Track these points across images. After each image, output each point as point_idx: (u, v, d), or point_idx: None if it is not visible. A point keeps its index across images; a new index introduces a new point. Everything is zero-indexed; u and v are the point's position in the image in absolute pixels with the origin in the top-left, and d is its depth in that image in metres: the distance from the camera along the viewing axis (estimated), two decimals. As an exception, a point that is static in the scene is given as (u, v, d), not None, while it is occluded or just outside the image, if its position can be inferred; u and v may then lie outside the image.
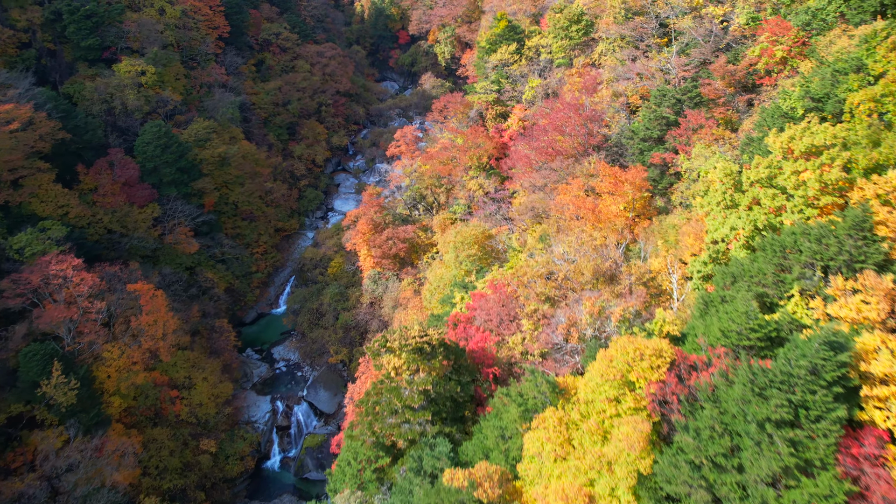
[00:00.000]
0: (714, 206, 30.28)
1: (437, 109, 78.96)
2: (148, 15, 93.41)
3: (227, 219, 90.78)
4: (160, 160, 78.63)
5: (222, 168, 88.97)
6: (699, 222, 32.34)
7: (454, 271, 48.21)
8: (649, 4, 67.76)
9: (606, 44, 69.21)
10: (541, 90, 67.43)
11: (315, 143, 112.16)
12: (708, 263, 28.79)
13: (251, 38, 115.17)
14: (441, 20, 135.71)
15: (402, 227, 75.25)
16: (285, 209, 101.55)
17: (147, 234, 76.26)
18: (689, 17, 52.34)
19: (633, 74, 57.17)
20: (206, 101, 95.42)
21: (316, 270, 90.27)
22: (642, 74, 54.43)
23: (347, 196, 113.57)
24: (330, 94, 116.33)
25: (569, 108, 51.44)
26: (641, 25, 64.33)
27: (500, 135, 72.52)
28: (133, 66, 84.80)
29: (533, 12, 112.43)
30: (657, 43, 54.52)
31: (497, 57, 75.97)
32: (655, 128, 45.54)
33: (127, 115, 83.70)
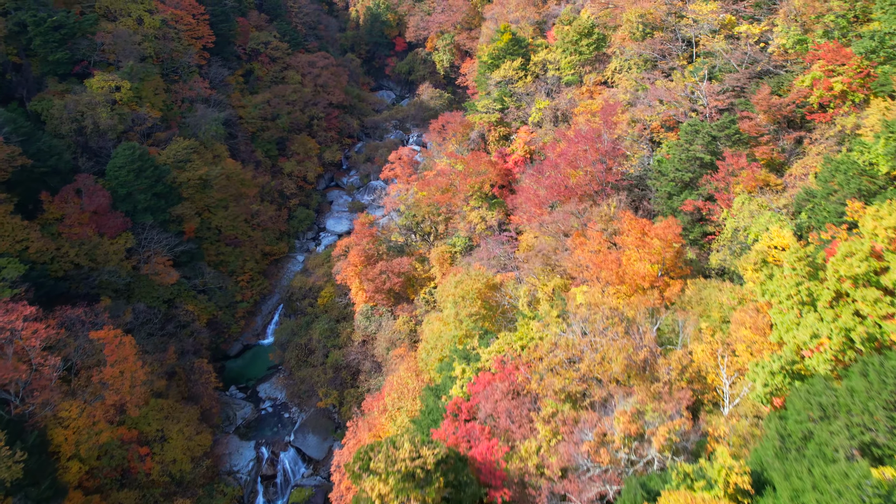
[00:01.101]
0: (783, 298, 24.13)
1: (434, 130, 72.65)
2: (125, 25, 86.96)
3: (209, 245, 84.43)
4: (134, 186, 72.29)
5: (204, 191, 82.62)
6: (760, 312, 26.15)
7: (454, 332, 41.92)
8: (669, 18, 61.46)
9: (621, 61, 62.92)
10: (549, 112, 61.10)
11: (306, 158, 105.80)
12: (777, 374, 22.67)
13: (238, 48, 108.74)
14: (439, 27, 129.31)
15: (396, 260, 68.94)
16: (273, 232, 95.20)
17: (120, 267, 69.92)
18: (720, 37, 46.04)
19: (653, 100, 50.84)
20: (188, 117, 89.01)
21: (305, 301, 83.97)
22: (665, 101, 48.08)
23: (340, 215, 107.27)
24: (322, 106, 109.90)
25: (583, 140, 45.11)
26: (662, 42, 58.05)
27: (503, 160, 66.20)
28: (106, 81, 78.34)
29: (537, 20, 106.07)
30: (682, 65, 48.19)
31: (500, 73, 69.64)
32: (687, 169, 39.24)
33: (99, 136, 77.28)
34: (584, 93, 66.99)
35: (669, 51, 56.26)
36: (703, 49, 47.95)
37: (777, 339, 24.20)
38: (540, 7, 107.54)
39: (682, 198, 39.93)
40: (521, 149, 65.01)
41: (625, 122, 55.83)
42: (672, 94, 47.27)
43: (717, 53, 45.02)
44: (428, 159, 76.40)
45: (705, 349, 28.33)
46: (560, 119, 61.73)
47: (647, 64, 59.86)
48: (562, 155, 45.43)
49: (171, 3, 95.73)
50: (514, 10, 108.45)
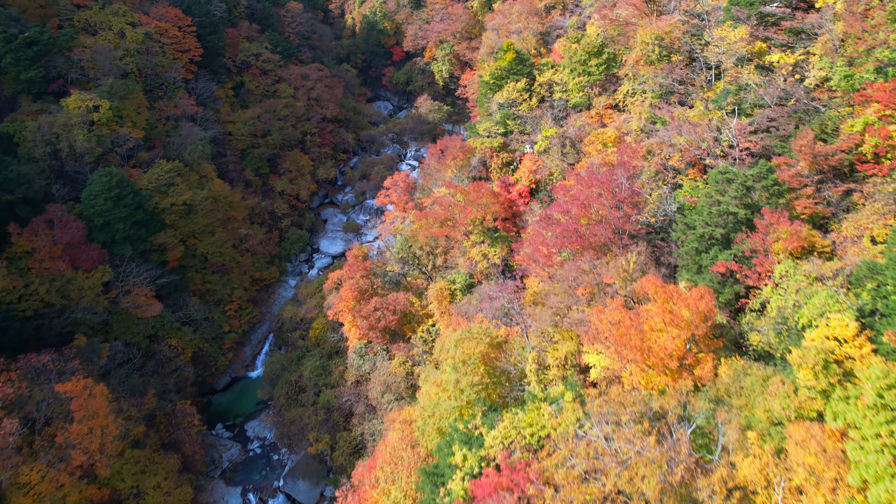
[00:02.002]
0: (868, 434, 19.52)
1: (433, 154, 67.89)
2: (105, 39, 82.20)
3: (194, 273, 79.68)
4: (112, 215, 67.54)
5: (189, 217, 77.84)
6: (829, 435, 21.46)
7: (454, 402, 37.20)
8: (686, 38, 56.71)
9: (634, 84, 58.17)
10: (556, 141, 56.33)
11: (299, 176, 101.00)
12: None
13: (228, 60, 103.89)
14: (438, 36, 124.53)
15: (392, 296, 64.18)
16: (263, 256, 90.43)
17: (95, 303, 65.16)
18: (750, 68, 41.27)
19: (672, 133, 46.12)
20: (173, 136, 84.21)
21: (296, 333, 79.24)
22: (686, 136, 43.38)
23: (335, 235, 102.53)
24: (315, 121, 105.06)
25: (597, 182, 40.39)
26: (680, 67, 53.30)
27: (506, 190, 61.44)
28: (84, 100, 73.51)
29: (540, 31, 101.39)
30: (705, 97, 43.40)
31: (503, 95, 64.87)
32: (717, 223, 34.50)
33: (76, 159, 72.50)
34: (594, 117, 62.30)
35: (690, 79, 51.54)
36: (730, 79, 43.16)
37: (858, 482, 19.56)
38: (543, 17, 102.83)
39: (712, 255, 35.19)
40: (525, 178, 60.27)
41: (640, 153, 51.07)
42: (695, 130, 42.50)
43: (747, 86, 40.28)
44: (425, 186, 71.62)
45: (753, 464, 23.62)
46: (569, 147, 56.95)
47: (663, 89, 55.19)
48: (574, 199, 40.68)
49: (155, 14, 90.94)
50: (517, 21, 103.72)
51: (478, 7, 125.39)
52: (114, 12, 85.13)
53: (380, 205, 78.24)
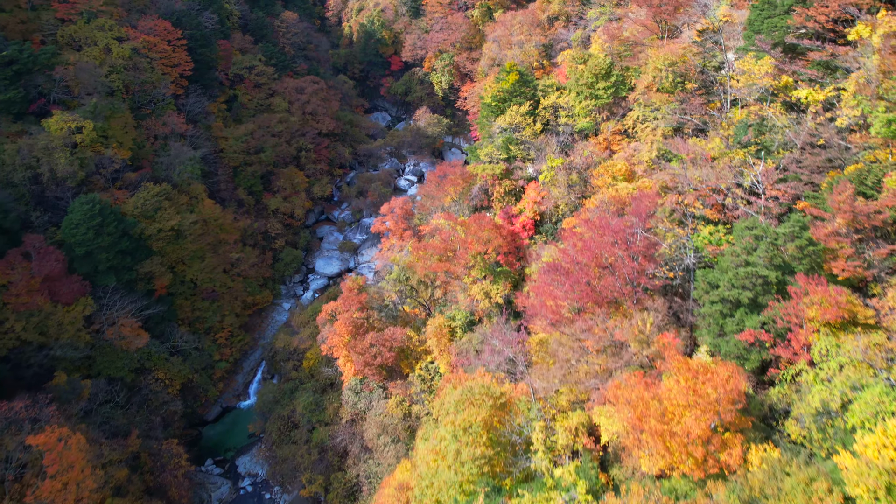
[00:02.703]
0: None
1: (432, 181, 64.52)
2: (90, 56, 78.77)
3: (183, 301, 76.34)
4: (94, 244, 64.21)
5: (177, 242, 74.50)
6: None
7: (454, 475, 33.95)
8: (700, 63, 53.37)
9: (645, 111, 54.83)
10: (563, 174, 52.94)
11: (293, 194, 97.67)
12: None
13: (220, 74, 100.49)
14: (438, 46, 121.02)
15: (389, 331, 60.89)
16: (256, 279, 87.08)
17: (76, 339, 61.84)
18: (777, 106, 37.89)
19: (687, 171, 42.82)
20: (162, 156, 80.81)
21: (289, 363, 75.98)
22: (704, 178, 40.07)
23: (331, 254, 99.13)
24: (311, 136, 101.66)
25: (609, 232, 37.07)
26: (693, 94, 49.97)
27: (509, 221, 58.13)
28: (66, 121, 70.16)
29: (543, 43, 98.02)
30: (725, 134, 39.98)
31: (506, 120, 61.51)
32: (744, 286, 31.16)
33: (57, 184, 69.18)
34: (601, 143, 58.99)
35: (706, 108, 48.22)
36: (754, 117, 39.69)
37: None
38: (546, 29, 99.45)
39: (738, 319, 31.88)
40: (529, 209, 56.95)
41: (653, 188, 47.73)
42: (715, 171, 39.15)
43: (773, 127, 36.91)
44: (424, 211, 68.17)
45: None
46: (575, 178, 53.59)
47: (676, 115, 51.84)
48: (585, 248, 37.33)
49: (143, 28, 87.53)
50: (518, 33, 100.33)
51: (478, 16, 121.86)
52: (99, 27, 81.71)
53: (376, 231, 74.83)
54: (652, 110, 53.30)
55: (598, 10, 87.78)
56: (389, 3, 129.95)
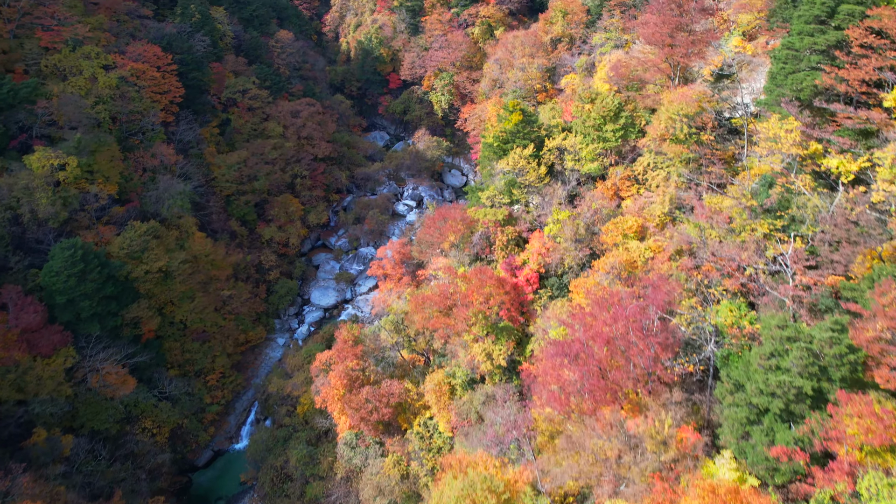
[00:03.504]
0: None
1: (432, 226, 61.40)
2: (75, 86, 75.60)
3: (172, 343, 73.25)
4: (76, 292, 61.14)
5: (166, 283, 71.44)
6: None
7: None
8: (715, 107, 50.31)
9: (658, 159, 51.77)
10: (570, 228, 49.80)
11: (288, 222, 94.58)
12: None
13: (213, 97, 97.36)
14: (437, 64, 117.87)
15: (386, 385, 57.95)
16: (249, 315, 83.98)
17: (56, 393, 58.69)
18: (805, 178, 34.75)
19: (703, 238, 39.83)
20: (151, 189, 77.66)
21: (282, 409, 72.90)
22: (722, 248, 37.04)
23: (327, 284, 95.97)
24: (306, 162, 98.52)
25: (622, 317, 34.01)
26: (710, 147, 46.94)
27: (512, 273, 55.06)
28: (49, 158, 66.98)
29: (546, 66, 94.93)
30: (749, 206, 36.82)
31: (508, 163, 58.40)
32: (775, 394, 28.10)
33: (39, 225, 66.08)
34: (610, 189, 55.89)
35: (723, 161, 45.21)
36: (779, 187, 36.52)
37: None
38: (549, 52, 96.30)
39: (767, 428, 28.85)
40: (534, 261, 53.84)
41: (667, 250, 44.71)
42: (737, 245, 36.07)
43: (800, 198, 33.82)
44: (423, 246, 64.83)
45: None
46: (583, 231, 50.47)
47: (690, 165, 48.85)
48: (597, 335, 34.25)
49: (132, 54, 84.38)
50: (520, 55, 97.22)
51: (479, 35, 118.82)
52: (85, 55, 78.52)
53: (372, 275, 71.76)
54: (664, 160, 50.22)
55: (603, 36, 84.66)
56: (388, 20, 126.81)
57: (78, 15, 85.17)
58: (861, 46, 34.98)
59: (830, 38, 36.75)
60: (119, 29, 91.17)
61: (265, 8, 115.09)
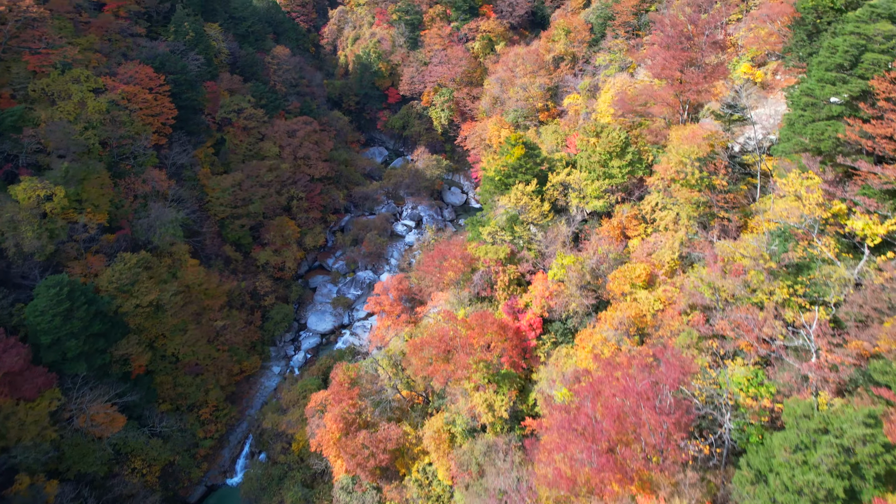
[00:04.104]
0: None
1: (431, 263, 59.21)
2: (63, 111, 73.36)
3: (164, 377, 71.03)
4: (63, 331, 58.94)
5: (157, 317, 69.29)
6: None
7: None
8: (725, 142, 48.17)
9: (666, 201, 49.58)
10: (575, 275, 47.56)
11: (284, 246, 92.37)
12: None
13: (207, 117, 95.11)
14: (437, 80, 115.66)
15: (383, 429, 55.85)
16: (244, 345, 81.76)
17: (41, 438, 56.53)
18: (829, 242, 32.51)
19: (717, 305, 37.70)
20: (142, 216, 75.44)
21: (277, 445, 70.61)
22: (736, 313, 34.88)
23: (324, 308, 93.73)
24: (303, 183, 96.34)
25: (633, 393, 31.83)
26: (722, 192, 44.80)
27: (514, 316, 52.88)
28: (35, 189, 64.86)
29: (548, 86, 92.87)
30: (767, 268, 34.58)
31: (510, 200, 56.19)
32: (803, 494, 25.89)
33: (24, 259, 63.89)
34: (616, 227, 53.68)
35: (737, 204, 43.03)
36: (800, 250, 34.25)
37: None
38: (551, 71, 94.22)
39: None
40: (537, 305, 51.65)
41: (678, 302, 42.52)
42: (754, 312, 33.88)
43: (828, 276, 31.61)
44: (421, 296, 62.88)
45: None
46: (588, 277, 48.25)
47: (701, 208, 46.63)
48: (607, 412, 32.05)
49: (123, 76, 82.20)
50: (522, 74, 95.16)
51: (479, 49, 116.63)
52: (74, 79, 76.30)
53: (369, 311, 69.60)
54: (673, 201, 48.01)
55: (607, 57, 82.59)
56: (386, 33, 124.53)
57: (68, 36, 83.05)
58: (887, 100, 32.77)
59: (854, 88, 34.54)
60: (111, 48, 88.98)
61: (261, 24, 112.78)
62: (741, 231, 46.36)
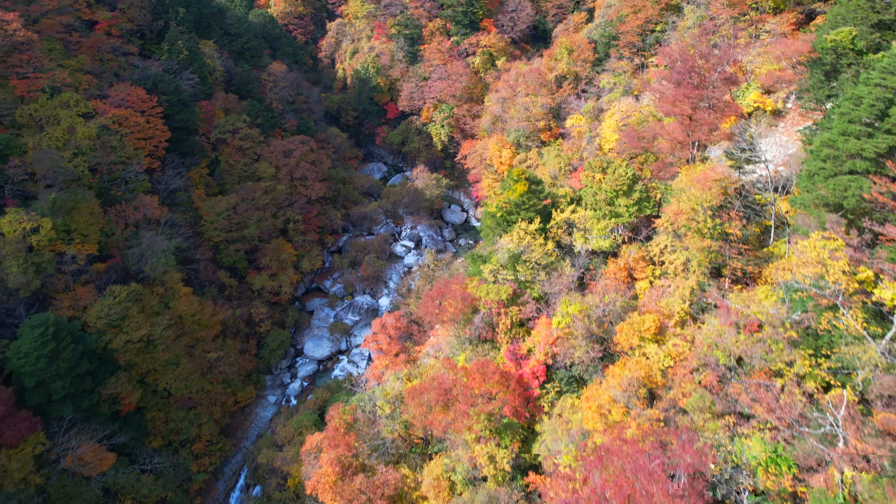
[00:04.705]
0: None
1: (430, 303, 57.05)
2: (52, 138, 71.25)
3: (156, 413, 68.90)
4: (48, 373, 56.81)
5: (148, 351, 67.14)
6: None
7: None
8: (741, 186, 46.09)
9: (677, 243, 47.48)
10: (581, 326, 45.43)
11: (280, 270, 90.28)
12: None
13: (202, 137, 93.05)
14: (437, 95, 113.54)
15: (381, 473, 53.76)
16: (239, 375, 79.69)
17: (24, 485, 54.51)
18: (856, 314, 30.38)
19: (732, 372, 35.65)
20: (133, 244, 73.34)
21: (273, 480, 68.58)
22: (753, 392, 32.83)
23: (321, 333, 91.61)
24: (299, 206, 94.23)
25: (645, 473, 29.73)
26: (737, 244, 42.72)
27: (517, 363, 50.80)
28: (21, 222, 62.78)
29: (550, 106, 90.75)
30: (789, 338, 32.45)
31: (512, 239, 54.08)
32: None
33: (9, 295, 61.79)
34: (622, 269, 51.59)
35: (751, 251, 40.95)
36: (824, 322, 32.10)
37: None
38: (554, 91, 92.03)
39: None
40: (540, 351, 49.55)
41: (687, 364, 40.41)
42: (776, 394, 31.76)
43: (854, 352, 29.49)
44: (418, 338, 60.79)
45: None
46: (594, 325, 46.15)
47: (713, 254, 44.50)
48: (616, 490, 29.94)
49: (114, 99, 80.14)
50: (524, 95, 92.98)
51: (479, 64, 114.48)
52: (63, 103, 74.19)
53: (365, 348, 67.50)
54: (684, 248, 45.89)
55: (612, 79, 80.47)
56: (385, 47, 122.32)
57: (58, 57, 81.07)
58: (918, 160, 30.66)
59: (880, 144, 32.41)
60: (102, 69, 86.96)
61: (257, 40, 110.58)
62: (755, 279, 44.31)
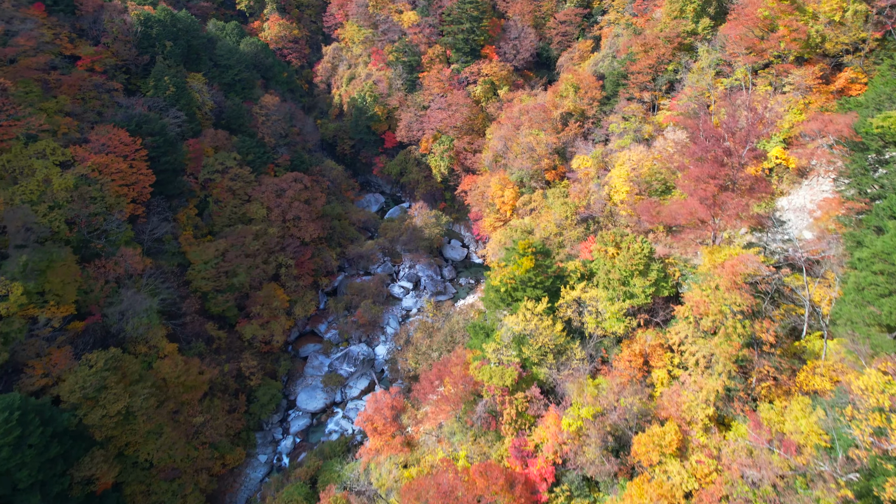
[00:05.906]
0: None
1: (428, 385, 52.58)
2: (26, 192, 67.01)
3: (136, 486, 64.48)
4: (12, 462, 52.39)
5: (128, 423, 62.75)
6: None
7: None
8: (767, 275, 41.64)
9: (697, 334, 43.00)
10: (595, 435, 40.92)
11: (272, 318, 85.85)
12: None
13: (190, 178, 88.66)
14: (436, 126, 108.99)
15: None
16: (227, 436, 75.28)
17: (-13, 587, 50.20)
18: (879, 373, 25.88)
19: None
20: (114, 302, 68.95)
21: (261, 560, 64.29)
22: None
23: (315, 382, 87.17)
24: (292, 249, 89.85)
25: None
26: (767, 349, 38.23)
27: (523, 461, 46.34)
28: (-11, 288, 58.41)
29: (556, 146, 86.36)
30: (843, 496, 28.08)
31: (518, 321, 49.59)
32: None
33: (-24, 370, 57.49)
34: (637, 356, 47.14)
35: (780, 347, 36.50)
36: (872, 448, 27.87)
37: None
38: (559, 130, 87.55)
39: None
40: (549, 450, 45.08)
41: (715, 491, 35.93)
42: None
43: None
44: (415, 418, 56.21)
45: None
46: (609, 429, 41.68)
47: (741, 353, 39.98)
48: None
49: (95, 144, 75.75)
50: (527, 134, 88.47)
51: (481, 93, 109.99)
52: (39, 152, 69.94)
53: (359, 426, 63.07)
54: (706, 343, 41.41)
55: (621, 123, 75.98)
56: (383, 75, 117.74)
57: (35, 100, 76.63)
58: None
59: (947, 270, 27.98)
60: (84, 108, 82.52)
61: (248, 71, 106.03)
62: (790, 380, 39.86)
